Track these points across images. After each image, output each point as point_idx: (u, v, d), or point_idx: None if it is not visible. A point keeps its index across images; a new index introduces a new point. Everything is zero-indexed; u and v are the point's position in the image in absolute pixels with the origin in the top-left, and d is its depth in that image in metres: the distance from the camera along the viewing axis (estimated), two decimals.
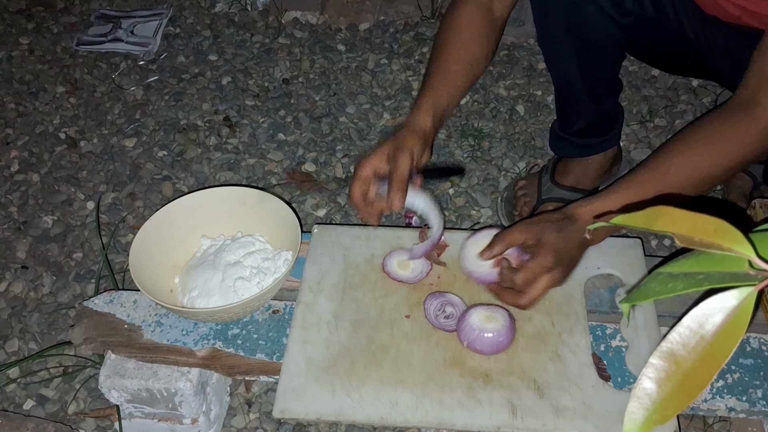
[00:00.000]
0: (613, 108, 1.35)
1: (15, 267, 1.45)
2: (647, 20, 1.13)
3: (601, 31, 1.15)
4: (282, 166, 1.63)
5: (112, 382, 1.02)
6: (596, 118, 1.33)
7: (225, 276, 1.08)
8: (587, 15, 1.12)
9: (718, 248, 0.37)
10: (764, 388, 0.96)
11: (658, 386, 0.38)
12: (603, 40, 1.17)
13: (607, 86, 1.31)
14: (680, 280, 0.39)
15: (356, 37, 1.97)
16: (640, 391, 0.38)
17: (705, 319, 0.37)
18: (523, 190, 1.46)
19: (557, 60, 1.24)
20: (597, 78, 1.25)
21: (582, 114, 1.32)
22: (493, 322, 0.96)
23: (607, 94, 1.32)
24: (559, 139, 1.38)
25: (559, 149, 1.42)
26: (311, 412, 0.92)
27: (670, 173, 0.92)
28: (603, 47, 1.19)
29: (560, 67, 1.25)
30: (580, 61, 1.20)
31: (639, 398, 0.38)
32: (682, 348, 0.37)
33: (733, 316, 0.37)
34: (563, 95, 1.32)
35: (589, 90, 1.26)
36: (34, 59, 1.97)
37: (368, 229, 1.15)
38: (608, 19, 1.13)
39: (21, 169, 1.66)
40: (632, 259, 1.08)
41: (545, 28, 1.19)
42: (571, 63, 1.21)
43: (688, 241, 0.38)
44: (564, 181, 1.41)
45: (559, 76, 1.28)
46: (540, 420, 0.90)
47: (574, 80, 1.24)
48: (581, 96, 1.27)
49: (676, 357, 0.37)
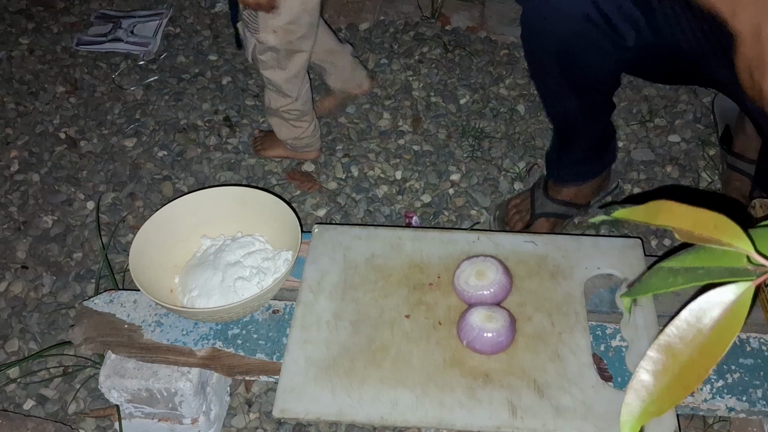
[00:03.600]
0: (606, 128, 1.35)
1: (15, 267, 1.45)
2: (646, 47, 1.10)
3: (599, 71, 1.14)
4: (282, 166, 1.63)
5: (112, 382, 1.02)
6: (593, 143, 1.33)
7: (225, 276, 1.08)
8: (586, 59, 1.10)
9: (718, 243, 0.37)
10: (764, 388, 0.96)
11: (655, 379, 0.38)
12: (601, 77, 1.17)
13: (604, 110, 1.31)
14: (680, 275, 0.39)
15: (356, 37, 1.97)
16: (637, 384, 0.38)
17: (702, 313, 0.37)
18: (515, 208, 1.44)
19: (553, 98, 1.24)
20: (594, 108, 1.25)
21: (580, 142, 1.32)
22: (493, 322, 0.96)
23: (603, 117, 1.32)
24: (557, 168, 1.38)
25: (558, 178, 1.39)
26: (311, 412, 0.92)
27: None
28: (601, 83, 1.19)
29: (557, 103, 1.25)
30: (578, 97, 1.19)
31: (636, 390, 0.38)
32: (679, 341, 0.37)
33: (731, 310, 0.37)
34: (561, 129, 1.32)
35: (586, 121, 1.26)
36: (34, 59, 1.97)
37: (368, 229, 1.15)
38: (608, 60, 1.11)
39: (21, 169, 1.66)
40: (632, 259, 1.08)
41: (540, 75, 1.19)
42: (569, 99, 1.20)
43: (688, 236, 0.38)
44: (558, 196, 1.40)
45: (556, 113, 1.28)
46: (540, 420, 0.90)
47: (571, 114, 1.24)
48: (578, 126, 1.28)
49: (673, 350, 0.37)
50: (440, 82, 1.82)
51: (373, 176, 1.59)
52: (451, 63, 1.87)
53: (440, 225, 1.49)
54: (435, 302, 1.04)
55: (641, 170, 1.57)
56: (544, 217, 1.40)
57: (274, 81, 1.44)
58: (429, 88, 1.80)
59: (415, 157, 1.63)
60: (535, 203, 1.41)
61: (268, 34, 1.35)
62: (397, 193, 1.56)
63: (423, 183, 1.57)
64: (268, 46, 1.37)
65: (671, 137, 1.64)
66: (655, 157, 1.60)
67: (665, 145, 1.63)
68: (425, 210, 1.52)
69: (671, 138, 1.64)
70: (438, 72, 1.84)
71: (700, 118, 1.68)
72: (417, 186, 1.57)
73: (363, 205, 1.53)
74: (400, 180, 1.59)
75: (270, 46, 1.37)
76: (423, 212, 1.51)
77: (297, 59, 1.42)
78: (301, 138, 1.56)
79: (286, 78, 1.44)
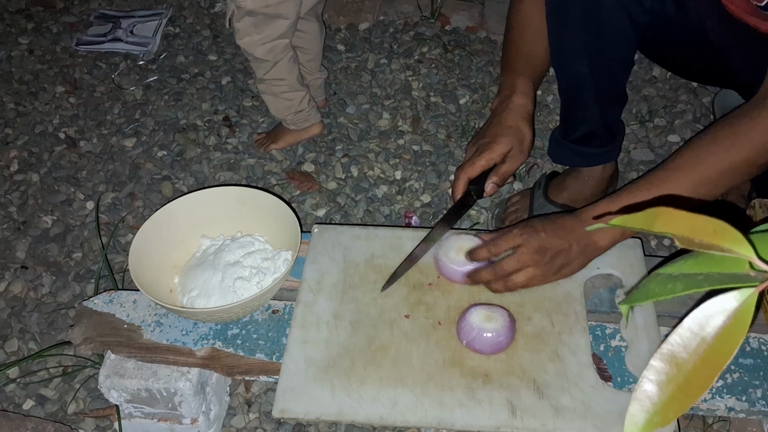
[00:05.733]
0: (616, 120, 1.32)
1: (14, 267, 1.45)
2: (666, 18, 1.10)
3: (616, 28, 1.12)
4: (282, 166, 1.63)
5: (112, 382, 1.02)
6: (599, 127, 1.29)
7: (224, 276, 1.08)
8: (605, 9, 1.09)
9: (718, 249, 0.37)
10: (764, 388, 0.96)
11: (659, 389, 0.37)
12: (617, 38, 1.14)
13: (614, 93, 1.27)
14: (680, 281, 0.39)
15: (356, 37, 1.97)
16: (640, 394, 0.38)
17: (706, 321, 0.37)
18: (514, 206, 1.43)
19: (568, 57, 1.20)
20: (606, 82, 1.22)
21: (585, 119, 1.28)
22: (492, 322, 0.96)
23: (612, 103, 1.29)
24: (559, 146, 1.34)
25: (558, 156, 1.38)
26: (311, 412, 0.92)
27: (678, 175, 0.91)
28: (616, 46, 1.16)
29: (570, 64, 1.21)
30: (591, 60, 1.16)
31: (640, 401, 0.38)
32: (682, 350, 0.37)
33: (734, 317, 0.37)
34: (569, 96, 1.28)
35: (596, 92, 1.22)
36: (34, 59, 1.97)
37: (368, 229, 1.15)
38: (625, 16, 1.10)
39: (20, 168, 1.66)
40: (632, 259, 1.08)
41: (559, 22, 1.15)
42: (582, 61, 1.17)
43: (687, 242, 0.38)
44: (557, 198, 1.38)
45: (567, 75, 1.24)
46: (540, 420, 0.90)
47: (582, 81, 1.21)
48: (587, 98, 1.24)
49: (676, 359, 0.37)
50: (440, 82, 1.82)
51: (373, 176, 1.59)
52: (450, 63, 1.87)
53: None
54: (434, 302, 1.04)
55: (641, 170, 1.57)
56: None
57: (249, 47, 1.45)
58: (428, 88, 1.80)
59: (414, 157, 1.63)
60: (534, 204, 1.40)
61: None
62: (396, 193, 1.56)
63: (422, 183, 1.57)
64: (246, 11, 1.38)
65: (671, 137, 1.64)
66: (655, 157, 1.60)
67: (665, 145, 1.63)
68: (425, 210, 1.52)
69: (671, 138, 1.64)
70: (437, 72, 1.84)
71: (699, 118, 1.68)
72: (416, 186, 1.57)
73: (363, 205, 1.53)
74: (400, 180, 1.59)
75: (248, 10, 1.37)
76: (423, 212, 1.51)
77: (276, 25, 1.42)
78: (298, 111, 1.57)
79: (260, 40, 1.43)
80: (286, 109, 1.57)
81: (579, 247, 0.97)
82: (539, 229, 0.97)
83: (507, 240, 0.99)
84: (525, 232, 0.97)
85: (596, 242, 0.98)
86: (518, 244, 0.97)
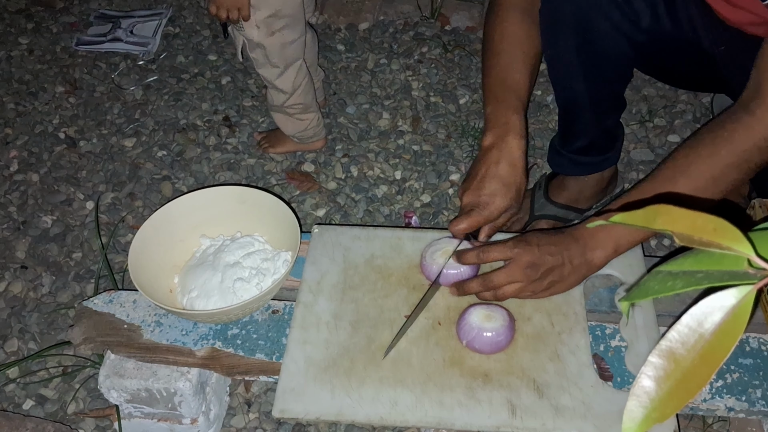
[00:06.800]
0: (615, 126, 1.32)
1: (14, 267, 1.45)
2: (662, 35, 1.09)
3: (612, 49, 1.11)
4: (281, 166, 1.63)
5: (112, 382, 1.02)
6: (598, 136, 1.30)
7: (224, 277, 1.08)
8: (599, 33, 1.09)
9: (718, 247, 0.37)
10: (763, 388, 0.96)
11: (657, 385, 0.38)
12: (614, 59, 1.14)
13: (613, 105, 1.28)
14: (680, 278, 0.39)
15: (356, 37, 1.97)
16: (639, 390, 0.38)
17: (704, 318, 0.37)
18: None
19: (564, 77, 1.20)
20: (603, 96, 1.22)
21: (584, 132, 1.28)
22: (492, 322, 0.96)
23: (611, 113, 1.29)
24: (559, 156, 1.34)
25: (558, 166, 1.38)
26: (311, 412, 0.92)
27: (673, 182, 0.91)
28: (613, 66, 1.16)
29: (566, 84, 1.21)
30: (587, 79, 1.16)
31: (638, 396, 0.38)
32: (681, 346, 0.37)
33: (732, 314, 0.37)
34: (567, 112, 1.28)
35: (594, 108, 1.22)
36: (34, 59, 1.97)
37: (368, 230, 1.15)
38: (621, 37, 1.09)
39: (20, 168, 1.66)
40: (631, 259, 1.08)
41: (553, 43, 1.13)
42: (578, 80, 1.17)
43: (687, 240, 0.38)
44: (558, 198, 1.38)
45: (564, 93, 1.24)
46: (539, 420, 0.90)
47: (579, 98, 1.21)
48: (585, 114, 1.24)
49: (675, 355, 0.37)
50: (440, 82, 1.82)
51: (373, 176, 1.59)
52: (450, 63, 1.87)
53: (440, 225, 1.49)
54: (434, 302, 1.04)
55: (641, 170, 1.57)
56: (543, 219, 1.39)
57: (268, 78, 1.46)
58: (428, 88, 1.80)
59: (414, 157, 1.63)
60: (534, 204, 1.40)
61: (252, 29, 1.37)
62: (396, 193, 1.56)
63: (422, 183, 1.57)
64: (255, 43, 1.39)
65: (671, 137, 1.64)
66: (655, 157, 1.60)
67: (665, 145, 1.63)
68: (425, 210, 1.52)
69: (671, 138, 1.64)
70: (437, 72, 1.84)
71: (699, 118, 1.68)
72: (416, 186, 1.57)
73: (362, 205, 1.53)
74: (400, 180, 1.59)
75: (257, 43, 1.39)
76: (422, 212, 1.51)
77: (288, 52, 1.43)
78: (307, 130, 1.57)
79: (278, 73, 1.45)
80: (296, 129, 1.58)
81: (572, 266, 0.96)
82: (533, 243, 0.95)
83: (499, 250, 0.96)
84: (518, 245, 0.95)
85: (590, 261, 0.96)
86: (510, 257, 0.95)
